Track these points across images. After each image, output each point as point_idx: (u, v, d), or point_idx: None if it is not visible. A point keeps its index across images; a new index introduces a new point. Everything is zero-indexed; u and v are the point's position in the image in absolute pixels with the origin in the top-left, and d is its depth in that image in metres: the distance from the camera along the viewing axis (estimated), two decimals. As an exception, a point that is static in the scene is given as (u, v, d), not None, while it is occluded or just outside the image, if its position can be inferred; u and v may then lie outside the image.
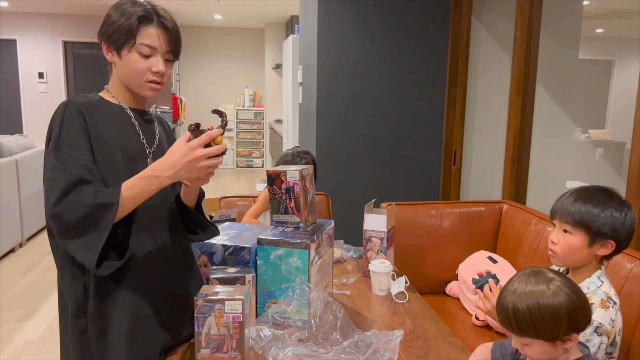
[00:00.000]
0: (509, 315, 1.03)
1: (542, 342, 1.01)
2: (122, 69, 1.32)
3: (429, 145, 3.39)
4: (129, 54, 1.29)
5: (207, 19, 8.29)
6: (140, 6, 1.29)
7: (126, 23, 1.27)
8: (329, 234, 1.62)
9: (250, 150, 9.52)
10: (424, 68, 3.31)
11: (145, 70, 1.30)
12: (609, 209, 1.28)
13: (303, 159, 2.19)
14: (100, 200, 1.15)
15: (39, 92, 8.42)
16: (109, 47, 1.31)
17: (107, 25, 1.30)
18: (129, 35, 1.28)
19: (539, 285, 1.02)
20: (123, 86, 1.35)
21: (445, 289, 2.38)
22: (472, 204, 2.49)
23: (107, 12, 1.32)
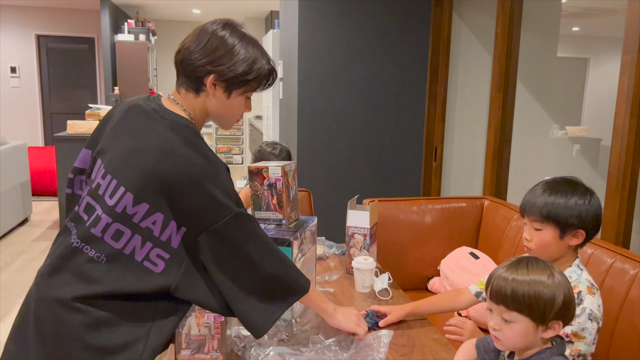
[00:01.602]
0: (506, 285, 1.01)
1: (528, 322, 1.01)
2: (220, 107, 1.23)
3: (410, 141, 3.39)
4: (240, 97, 1.24)
5: (186, 13, 8.18)
6: (264, 54, 1.24)
7: (256, 70, 1.21)
8: (312, 230, 1.60)
9: (230, 147, 9.43)
10: (405, 64, 3.30)
11: (242, 113, 1.28)
12: (572, 199, 1.30)
13: (277, 148, 2.19)
14: (296, 278, 1.25)
15: (11, 87, 8.21)
16: (220, 83, 1.19)
17: (229, 63, 1.17)
18: (255, 85, 1.24)
19: (541, 267, 1.03)
20: (205, 116, 1.25)
21: (428, 285, 2.38)
22: (454, 200, 2.49)
23: (221, 35, 1.18)
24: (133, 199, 1.10)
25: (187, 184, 1.10)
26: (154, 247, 1.12)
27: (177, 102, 1.22)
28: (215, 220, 1.12)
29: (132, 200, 1.10)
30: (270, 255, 1.19)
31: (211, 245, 1.13)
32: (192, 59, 1.18)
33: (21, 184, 4.89)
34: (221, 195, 1.12)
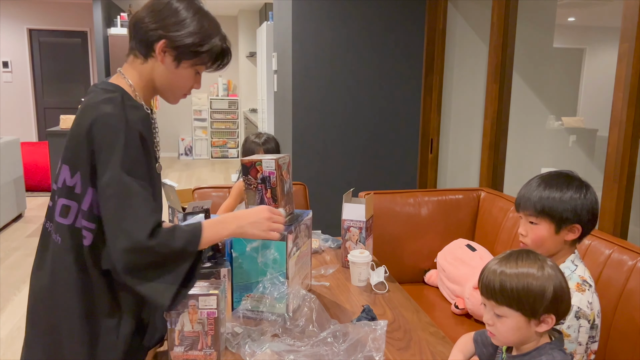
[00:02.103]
0: (495, 278, 1.01)
1: (519, 316, 0.99)
2: (167, 76, 1.21)
3: (406, 133, 3.36)
4: (189, 68, 1.22)
5: (179, 6, 8.10)
6: (219, 28, 1.24)
7: (209, 44, 1.20)
8: (307, 224, 1.58)
9: (225, 141, 9.39)
10: (400, 55, 3.28)
11: (190, 87, 1.27)
12: (568, 193, 1.28)
13: (262, 137, 2.19)
14: (183, 245, 1.12)
15: (3, 82, 8.14)
16: (169, 50, 1.18)
17: (182, 31, 1.16)
18: (206, 58, 1.22)
19: (532, 259, 1.02)
20: (150, 85, 1.24)
21: (424, 278, 2.36)
22: (450, 192, 2.48)
23: (174, 6, 1.17)
24: (69, 169, 1.13)
25: (98, 138, 1.10)
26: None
27: (122, 72, 1.23)
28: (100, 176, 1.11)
29: (69, 172, 1.13)
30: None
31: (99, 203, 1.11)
32: (145, 22, 1.18)
33: (14, 180, 4.84)
34: (120, 155, 1.09)
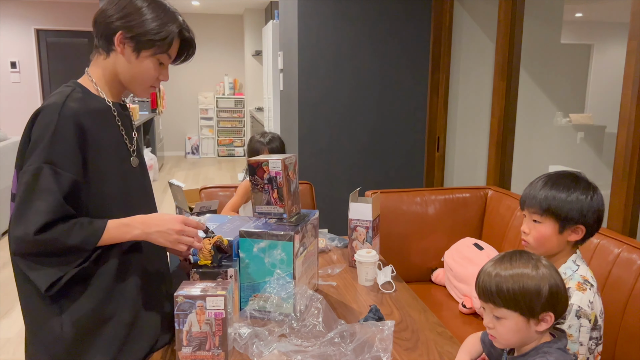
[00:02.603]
0: (490, 281, 1.02)
1: (518, 316, 1.00)
2: (130, 68, 1.24)
3: (413, 131, 3.35)
4: (149, 58, 1.24)
5: (185, 4, 8.11)
6: (176, 17, 1.25)
7: (165, 31, 1.22)
8: (314, 224, 1.58)
9: (231, 139, 9.41)
10: (407, 53, 3.26)
11: (154, 78, 1.28)
12: (574, 193, 1.27)
13: (267, 136, 2.20)
14: (77, 243, 1.12)
15: (11, 82, 8.19)
16: (128, 41, 1.21)
17: (137, 20, 1.20)
18: (164, 47, 1.23)
19: (525, 259, 1.03)
20: (115, 80, 1.27)
21: (431, 277, 2.36)
22: (457, 190, 2.47)
23: (136, 3, 1.21)
24: (16, 173, 1.17)
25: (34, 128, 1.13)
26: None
27: (87, 70, 1.27)
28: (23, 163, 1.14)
29: (16, 176, 1.17)
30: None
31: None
32: (103, 16, 1.22)
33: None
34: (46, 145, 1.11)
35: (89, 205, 1.18)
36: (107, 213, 1.20)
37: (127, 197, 1.26)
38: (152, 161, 6.90)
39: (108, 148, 1.22)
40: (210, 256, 1.33)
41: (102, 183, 1.20)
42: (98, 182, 1.19)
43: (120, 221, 1.19)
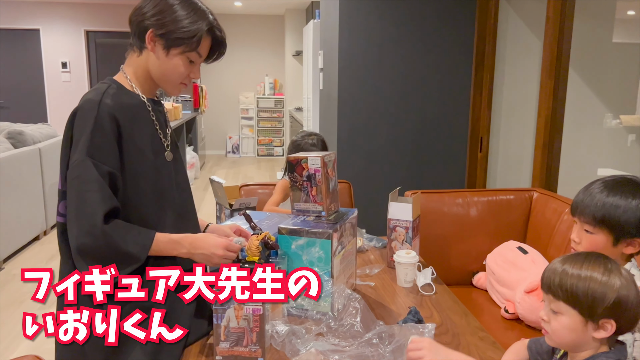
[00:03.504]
0: (555, 273, 0.97)
1: (576, 315, 0.95)
2: (160, 65, 1.26)
3: (455, 131, 3.28)
4: (178, 56, 1.25)
5: (228, 6, 8.24)
6: (206, 16, 1.26)
7: (194, 29, 1.23)
8: (352, 223, 1.56)
9: (271, 139, 9.48)
10: (450, 52, 3.20)
11: (185, 76, 1.29)
12: (634, 201, 1.17)
13: (312, 137, 2.19)
14: (130, 250, 1.16)
15: (62, 82, 8.51)
16: (158, 39, 1.24)
17: (168, 18, 1.22)
18: (193, 44, 1.24)
19: (599, 263, 0.96)
20: (147, 77, 1.30)
21: (472, 280, 2.29)
22: (501, 192, 2.39)
23: (169, 1, 1.23)
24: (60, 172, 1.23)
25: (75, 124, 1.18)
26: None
27: (122, 68, 1.31)
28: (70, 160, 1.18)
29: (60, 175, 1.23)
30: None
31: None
32: (137, 14, 1.25)
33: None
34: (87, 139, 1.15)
35: (123, 198, 1.21)
36: (141, 206, 1.23)
37: (161, 191, 1.28)
38: (194, 159, 7.03)
39: (142, 142, 1.25)
40: (258, 252, 1.33)
41: (136, 177, 1.23)
42: (132, 175, 1.22)
43: (169, 237, 1.23)
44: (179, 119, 6.29)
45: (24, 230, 4.18)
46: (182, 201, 1.37)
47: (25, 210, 4.17)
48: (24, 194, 4.16)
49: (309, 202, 1.46)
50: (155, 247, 1.20)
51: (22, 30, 8.29)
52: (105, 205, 1.13)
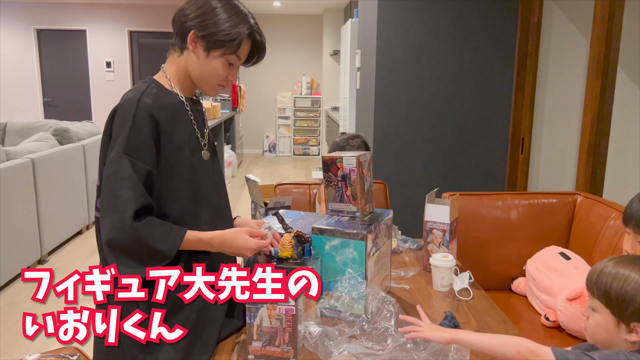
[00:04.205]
0: (595, 271, 1.00)
1: (608, 314, 0.97)
2: (200, 66, 1.28)
3: (495, 132, 3.20)
4: (218, 58, 1.27)
5: (267, 6, 8.30)
6: (247, 20, 1.27)
7: (235, 32, 1.24)
8: (387, 224, 1.53)
9: (307, 138, 9.51)
10: (490, 50, 3.12)
11: (223, 78, 1.30)
12: None
13: (355, 140, 2.14)
14: (159, 247, 1.17)
15: (106, 81, 8.78)
16: (200, 40, 1.25)
17: (210, 20, 1.23)
18: (233, 47, 1.26)
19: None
20: (187, 77, 1.31)
21: (511, 286, 2.23)
22: (543, 195, 2.32)
23: (212, 3, 1.24)
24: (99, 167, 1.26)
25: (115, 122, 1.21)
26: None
27: (162, 67, 1.33)
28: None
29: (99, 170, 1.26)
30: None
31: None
32: (180, 15, 1.27)
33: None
34: (125, 136, 1.17)
35: (160, 195, 1.23)
36: (177, 203, 1.25)
37: (197, 189, 1.29)
38: (232, 158, 7.12)
39: (179, 141, 1.26)
40: (291, 247, 1.32)
41: (172, 175, 1.24)
42: (168, 173, 1.23)
43: (199, 237, 1.24)
44: (218, 118, 6.37)
45: (68, 225, 4.33)
46: (218, 199, 1.38)
47: (69, 205, 4.31)
48: (68, 190, 4.30)
49: (344, 202, 1.45)
50: (185, 245, 1.22)
51: (70, 31, 8.60)
52: (136, 202, 1.15)
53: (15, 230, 3.47)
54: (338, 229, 1.37)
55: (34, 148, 3.94)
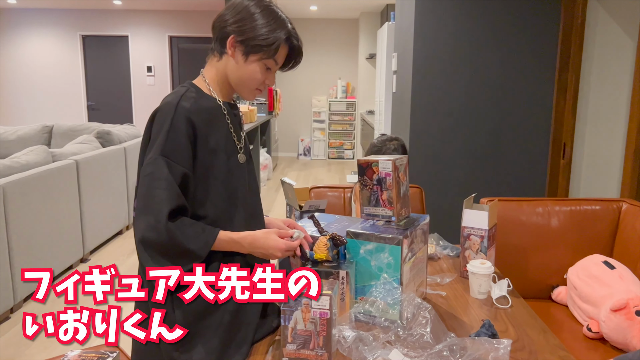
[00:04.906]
0: None
1: None
2: (238, 70, 1.30)
3: (535, 136, 3.12)
4: (256, 62, 1.29)
5: (303, 10, 8.36)
6: (285, 25, 1.29)
7: (273, 37, 1.26)
8: (424, 229, 1.51)
9: (342, 142, 9.50)
10: (531, 53, 3.05)
11: (261, 82, 1.32)
12: None
13: (393, 142, 2.12)
14: (191, 247, 1.19)
15: (147, 85, 9.01)
16: (238, 45, 1.28)
17: (249, 25, 1.26)
18: (271, 52, 1.27)
19: None
20: (225, 81, 1.34)
21: (552, 295, 2.16)
22: (586, 202, 2.24)
23: (246, 4, 1.27)
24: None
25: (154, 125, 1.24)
26: None
27: (202, 71, 1.35)
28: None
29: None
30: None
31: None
32: (220, 20, 1.29)
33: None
34: (163, 139, 1.20)
35: (195, 197, 1.25)
36: (212, 205, 1.27)
37: (232, 191, 1.31)
38: (267, 161, 7.18)
39: (216, 144, 1.28)
40: (326, 249, 1.32)
41: (208, 177, 1.26)
42: (204, 175, 1.26)
43: (230, 236, 1.25)
44: (254, 122, 6.45)
45: (109, 225, 4.45)
46: (252, 202, 1.39)
47: (110, 206, 4.44)
48: (110, 190, 4.43)
49: (379, 207, 1.44)
50: (217, 245, 1.23)
51: (113, 37, 8.88)
52: (171, 202, 1.17)
53: (60, 229, 3.60)
54: (373, 234, 1.36)
55: (78, 150, 4.08)
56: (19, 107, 8.97)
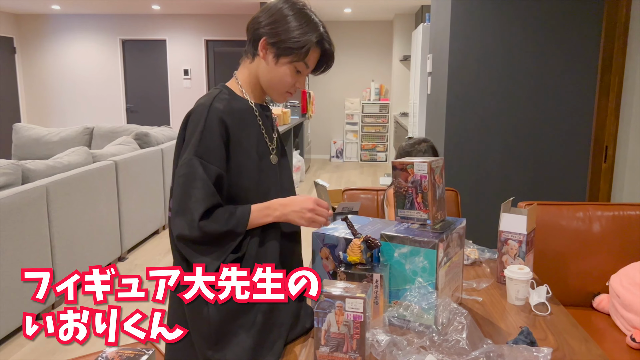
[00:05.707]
0: None
1: None
2: (268, 72, 1.31)
3: (575, 139, 3.03)
4: (286, 65, 1.30)
5: (337, 13, 8.36)
6: (317, 28, 1.30)
7: (304, 40, 1.27)
8: (460, 233, 1.49)
9: (374, 144, 9.46)
10: (571, 53, 2.96)
11: (291, 85, 1.33)
12: None
13: (422, 145, 2.10)
14: (232, 228, 1.22)
15: (184, 88, 9.19)
16: (270, 47, 1.29)
17: (281, 28, 1.27)
18: (301, 54, 1.28)
19: None
20: (256, 83, 1.35)
21: (593, 303, 2.09)
22: (629, 207, 2.16)
23: (279, 7, 1.28)
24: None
25: (188, 126, 1.26)
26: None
27: (235, 73, 1.37)
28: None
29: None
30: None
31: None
32: (253, 23, 1.31)
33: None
34: (197, 139, 1.22)
35: (228, 197, 1.27)
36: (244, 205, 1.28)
37: (265, 192, 1.32)
38: (300, 163, 7.21)
39: (248, 145, 1.29)
40: (360, 252, 1.32)
41: (241, 177, 1.28)
42: (237, 176, 1.27)
43: (261, 205, 1.28)
44: (288, 124, 6.48)
45: (146, 224, 4.55)
46: None
47: (147, 206, 4.54)
48: (147, 191, 4.53)
49: (414, 210, 1.42)
50: (254, 217, 1.26)
51: (152, 41, 9.09)
52: (206, 202, 1.20)
53: (99, 228, 3.70)
54: (408, 237, 1.35)
55: (117, 151, 4.19)
56: (61, 110, 9.29)
